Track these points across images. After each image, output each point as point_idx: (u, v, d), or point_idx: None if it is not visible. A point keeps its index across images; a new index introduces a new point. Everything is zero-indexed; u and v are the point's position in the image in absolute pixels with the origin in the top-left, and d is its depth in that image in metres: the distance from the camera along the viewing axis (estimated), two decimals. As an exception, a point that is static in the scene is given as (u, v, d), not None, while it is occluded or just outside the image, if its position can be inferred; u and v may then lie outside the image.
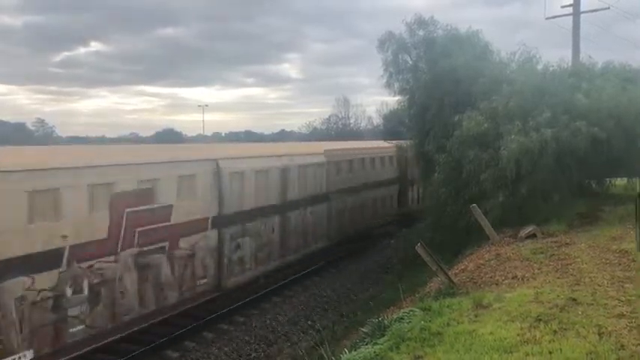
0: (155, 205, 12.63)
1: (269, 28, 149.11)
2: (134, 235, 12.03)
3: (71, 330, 10.63)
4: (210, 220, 14.35)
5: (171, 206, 13.03)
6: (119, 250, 11.69)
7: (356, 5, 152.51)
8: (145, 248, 12.33)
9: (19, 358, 9.60)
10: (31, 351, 9.86)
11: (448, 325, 6.63)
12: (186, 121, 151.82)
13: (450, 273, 9.41)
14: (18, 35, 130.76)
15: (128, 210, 11.87)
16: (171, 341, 12.74)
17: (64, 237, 10.44)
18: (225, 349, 12.93)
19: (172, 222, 13.08)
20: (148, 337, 12.47)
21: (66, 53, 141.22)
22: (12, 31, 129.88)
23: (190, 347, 12.82)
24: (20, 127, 75.79)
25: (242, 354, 12.80)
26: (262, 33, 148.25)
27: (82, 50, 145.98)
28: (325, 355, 7.14)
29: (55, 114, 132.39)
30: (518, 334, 6.01)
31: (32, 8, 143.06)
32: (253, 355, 12.84)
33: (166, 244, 12.93)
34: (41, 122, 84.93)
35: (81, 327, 10.83)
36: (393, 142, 25.87)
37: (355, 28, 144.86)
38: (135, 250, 12.08)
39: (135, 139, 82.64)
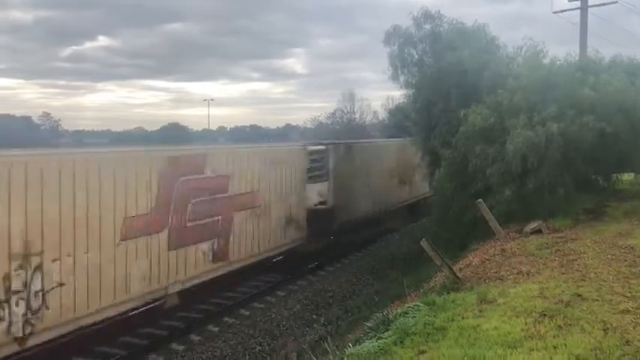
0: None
1: (273, 26, 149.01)
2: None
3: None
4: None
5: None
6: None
7: (361, 2, 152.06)
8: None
9: None
10: None
11: (452, 320, 6.62)
12: (192, 116, 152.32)
13: (454, 268, 9.41)
14: (28, 30, 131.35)
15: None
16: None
17: None
18: (231, 342, 12.98)
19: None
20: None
21: (74, 48, 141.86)
22: (23, 27, 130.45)
23: (196, 341, 12.88)
24: (26, 121, 76.06)
25: (247, 347, 12.83)
26: (267, 30, 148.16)
27: (90, 45, 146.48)
28: (329, 350, 7.15)
29: (62, 108, 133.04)
30: (522, 330, 6.00)
31: (43, 4, 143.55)
32: (258, 348, 12.88)
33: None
34: (47, 116, 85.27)
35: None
36: None
37: (360, 24, 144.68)
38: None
39: (142, 134, 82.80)
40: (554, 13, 23.43)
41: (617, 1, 23.11)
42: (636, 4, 25.28)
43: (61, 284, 9.66)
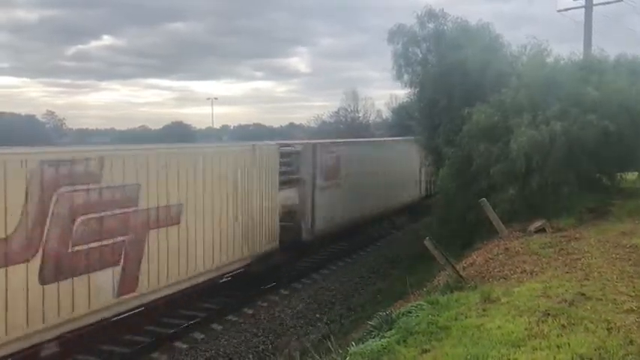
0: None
1: (276, 25, 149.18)
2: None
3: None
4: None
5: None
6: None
7: (364, 1, 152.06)
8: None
9: None
10: None
11: (456, 319, 6.61)
12: (195, 114, 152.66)
13: (458, 267, 9.39)
14: (33, 29, 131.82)
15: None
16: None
17: None
18: (234, 341, 13.01)
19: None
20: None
21: (79, 46, 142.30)
22: (27, 26, 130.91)
23: (199, 339, 12.90)
24: (31, 119, 76.26)
25: (250, 346, 12.86)
26: (269, 29, 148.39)
27: (94, 44, 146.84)
28: (332, 348, 7.16)
29: (66, 107, 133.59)
30: (526, 329, 5.99)
31: (48, 3, 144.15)
32: (261, 347, 12.90)
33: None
34: (51, 114, 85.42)
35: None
36: None
37: (364, 22, 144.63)
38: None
39: (145, 132, 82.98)
40: (559, 11, 23.42)
41: (621, 0, 23.05)
42: (640, 3, 25.19)
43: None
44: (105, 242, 10.72)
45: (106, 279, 10.81)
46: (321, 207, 18.23)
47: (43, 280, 9.54)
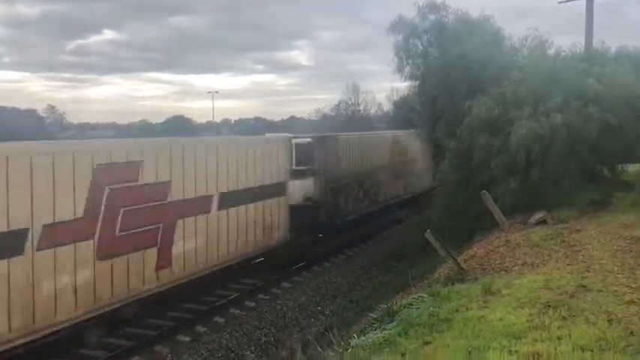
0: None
1: (277, 18, 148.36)
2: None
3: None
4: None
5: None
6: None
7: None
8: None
9: None
10: None
11: (457, 311, 6.64)
12: (196, 108, 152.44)
13: (459, 259, 9.43)
14: (34, 24, 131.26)
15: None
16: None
17: None
18: (236, 334, 13.04)
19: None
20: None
21: (80, 41, 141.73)
22: (28, 21, 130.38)
23: (202, 332, 12.94)
24: (31, 114, 76.12)
25: (252, 339, 12.90)
26: (270, 22, 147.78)
27: (95, 38, 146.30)
28: (334, 341, 7.19)
29: (67, 101, 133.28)
30: (527, 321, 6.02)
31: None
32: (264, 340, 12.94)
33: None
34: (52, 109, 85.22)
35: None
36: None
37: (365, 15, 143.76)
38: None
39: (146, 127, 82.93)
40: (559, 3, 23.27)
41: (623, -9, 22.92)
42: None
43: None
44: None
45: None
46: None
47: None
